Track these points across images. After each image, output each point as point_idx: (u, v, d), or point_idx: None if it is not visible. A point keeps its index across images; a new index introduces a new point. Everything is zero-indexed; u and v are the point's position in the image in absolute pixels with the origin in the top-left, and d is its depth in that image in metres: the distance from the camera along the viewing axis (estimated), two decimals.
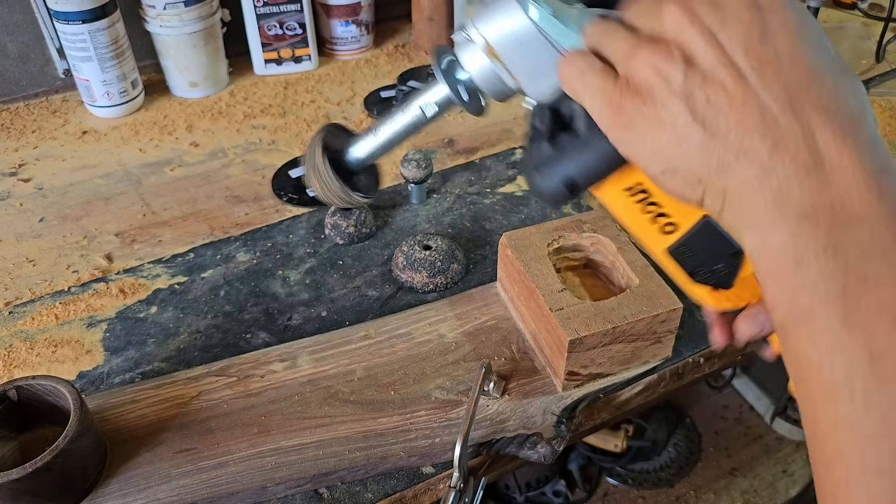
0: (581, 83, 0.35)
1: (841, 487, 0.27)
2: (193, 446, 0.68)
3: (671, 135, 0.32)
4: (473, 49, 0.44)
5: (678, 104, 0.31)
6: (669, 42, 0.32)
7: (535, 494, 1.56)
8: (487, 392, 0.71)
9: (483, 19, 0.41)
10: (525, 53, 0.40)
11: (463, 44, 0.44)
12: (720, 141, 0.31)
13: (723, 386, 1.81)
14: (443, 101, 0.51)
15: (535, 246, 0.76)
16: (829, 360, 0.27)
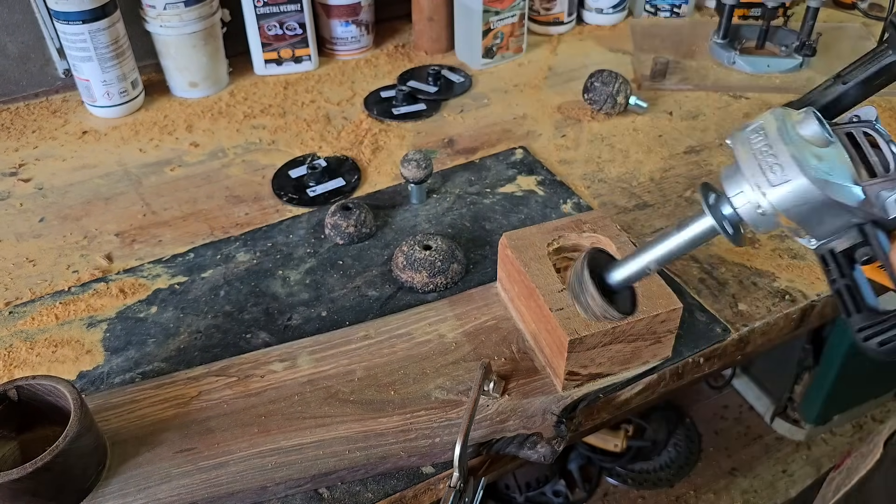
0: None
1: None
2: (193, 446, 0.68)
3: None
4: (758, 210, 0.46)
5: None
6: None
7: (534, 494, 1.56)
8: (487, 392, 0.71)
9: (774, 191, 0.43)
10: (815, 213, 0.43)
11: (745, 203, 0.46)
12: None
13: (723, 386, 1.81)
14: (707, 231, 0.51)
15: (535, 246, 0.76)
16: None
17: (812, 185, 0.42)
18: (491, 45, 1.33)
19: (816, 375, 1.58)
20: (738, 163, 0.46)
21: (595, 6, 1.49)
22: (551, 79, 1.32)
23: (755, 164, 0.45)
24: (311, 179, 1.04)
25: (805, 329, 0.91)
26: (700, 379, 0.84)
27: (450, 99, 1.26)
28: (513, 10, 1.32)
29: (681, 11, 1.50)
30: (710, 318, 0.82)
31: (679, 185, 1.04)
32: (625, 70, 1.31)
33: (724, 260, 0.91)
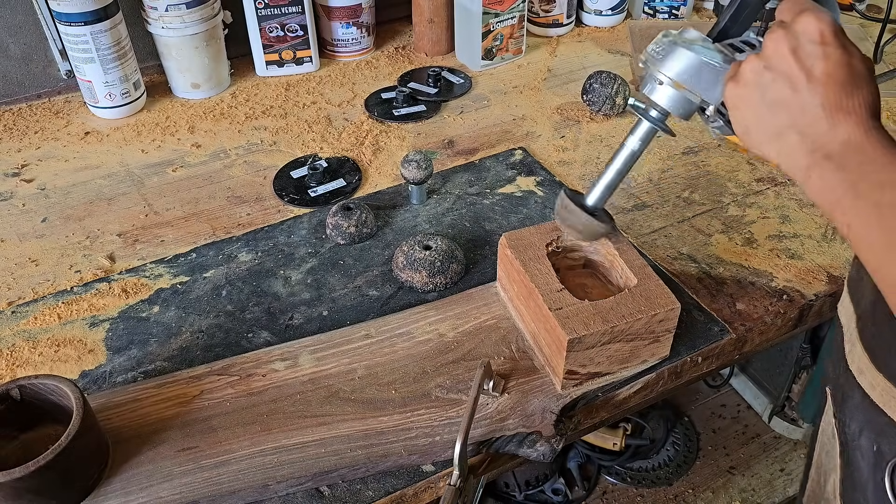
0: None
1: None
2: (195, 445, 0.68)
3: (753, 112, 0.54)
4: (663, 88, 0.64)
5: (759, 94, 0.53)
6: (764, 58, 0.53)
7: (534, 493, 1.56)
8: (487, 391, 0.72)
9: (667, 66, 0.62)
10: (700, 77, 0.62)
11: (653, 89, 0.65)
12: (781, 118, 0.52)
13: (721, 385, 1.81)
14: (646, 134, 0.68)
15: (535, 246, 0.77)
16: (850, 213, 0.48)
17: (686, 50, 0.61)
18: (490, 46, 1.34)
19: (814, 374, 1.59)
20: (646, 69, 0.65)
21: (594, 8, 1.49)
22: (550, 80, 1.33)
23: (652, 58, 0.64)
24: (312, 180, 1.05)
25: (803, 328, 0.91)
26: (698, 378, 0.85)
27: (450, 100, 1.26)
28: (512, 12, 1.32)
29: (679, 13, 1.50)
30: (709, 317, 0.83)
31: (677, 185, 1.04)
32: (623, 71, 1.31)
33: (722, 260, 0.91)
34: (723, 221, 0.98)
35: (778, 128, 0.52)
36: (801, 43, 0.51)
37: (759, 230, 0.96)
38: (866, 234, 0.47)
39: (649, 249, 0.93)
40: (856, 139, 0.48)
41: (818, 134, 0.50)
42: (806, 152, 0.50)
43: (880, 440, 0.59)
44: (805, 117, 0.50)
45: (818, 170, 0.50)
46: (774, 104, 0.52)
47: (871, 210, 0.47)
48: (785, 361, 1.61)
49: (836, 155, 0.49)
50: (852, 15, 1.50)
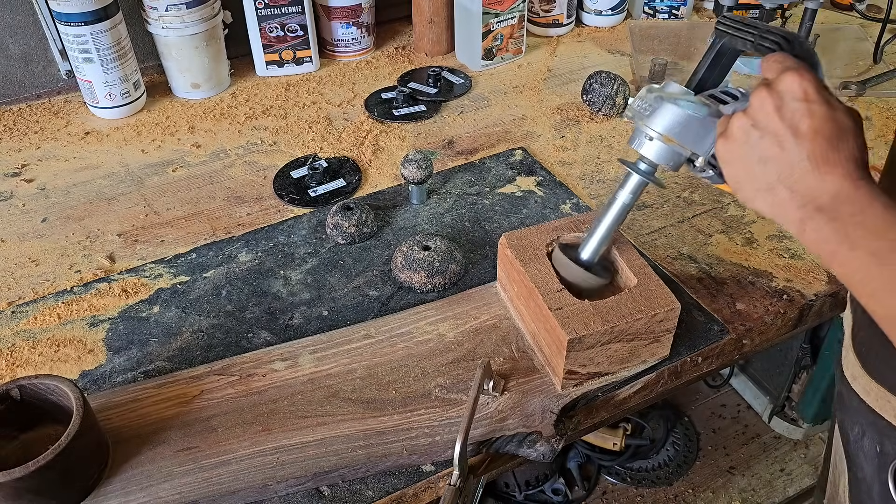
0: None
1: None
2: (195, 445, 0.68)
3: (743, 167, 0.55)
4: (652, 143, 0.65)
5: (748, 151, 0.54)
6: (751, 116, 0.54)
7: (534, 493, 1.56)
8: (487, 391, 0.72)
9: (655, 122, 0.63)
10: (687, 130, 0.62)
11: (641, 144, 0.66)
12: (771, 173, 0.53)
13: (721, 385, 1.81)
14: (637, 187, 0.70)
15: (535, 246, 0.77)
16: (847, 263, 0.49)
17: (673, 105, 0.62)
18: (490, 46, 1.34)
19: (814, 374, 1.59)
20: (634, 123, 0.66)
21: (594, 8, 1.49)
22: (550, 80, 1.33)
23: (639, 113, 0.65)
24: (312, 180, 1.05)
25: (803, 328, 0.91)
26: (698, 378, 0.85)
27: (450, 100, 1.26)
28: (512, 12, 1.32)
29: (679, 13, 1.50)
30: (709, 317, 0.83)
31: (677, 185, 1.04)
32: (623, 71, 1.31)
33: (722, 260, 0.91)
34: (723, 221, 0.98)
35: (769, 183, 0.53)
36: (785, 101, 0.52)
37: (759, 230, 0.96)
38: (867, 281, 0.48)
39: (649, 249, 0.93)
40: (845, 191, 0.49)
41: (808, 188, 0.51)
42: (797, 206, 0.51)
43: (883, 441, 0.59)
44: (794, 172, 0.51)
45: (812, 223, 0.51)
46: (764, 161, 0.53)
47: (868, 258, 0.48)
48: (785, 361, 1.61)
49: (828, 207, 0.50)
50: (852, 15, 1.50)
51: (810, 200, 0.51)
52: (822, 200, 0.50)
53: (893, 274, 0.46)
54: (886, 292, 0.47)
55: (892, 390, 0.56)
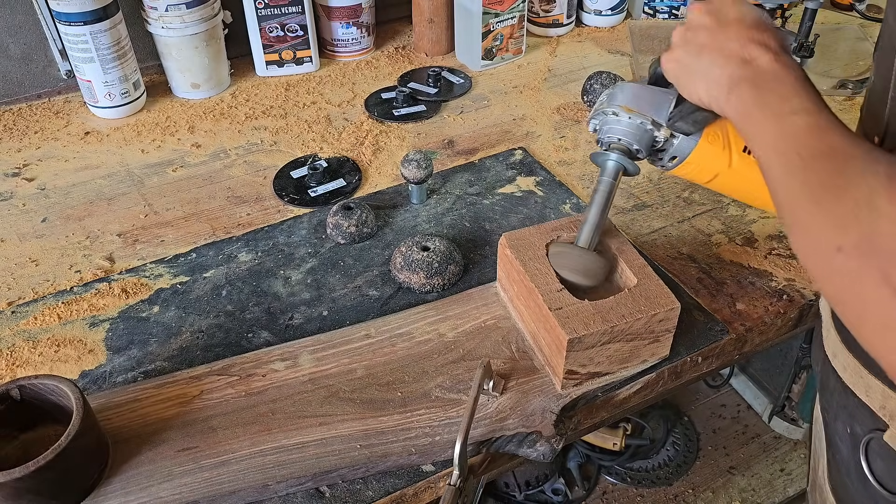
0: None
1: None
2: (195, 445, 0.68)
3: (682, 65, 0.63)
4: (616, 119, 0.71)
5: (684, 50, 0.62)
6: (686, 23, 0.64)
7: (534, 493, 1.56)
8: (487, 391, 0.72)
9: (616, 99, 0.71)
10: (642, 99, 0.70)
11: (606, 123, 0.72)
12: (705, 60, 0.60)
13: (721, 385, 1.81)
14: (614, 171, 0.73)
15: (535, 246, 0.77)
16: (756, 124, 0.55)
17: (628, 83, 0.72)
18: (490, 46, 1.34)
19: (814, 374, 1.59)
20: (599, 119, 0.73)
21: (594, 8, 1.49)
22: (550, 80, 1.33)
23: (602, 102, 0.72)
24: (312, 180, 1.05)
25: (803, 328, 0.91)
26: (698, 378, 0.85)
27: (450, 100, 1.26)
28: (512, 12, 1.32)
29: (679, 13, 1.50)
30: (709, 317, 0.83)
31: (677, 185, 1.04)
32: (623, 72, 1.31)
33: (722, 260, 0.91)
34: (723, 221, 0.98)
35: (703, 69, 0.60)
36: (714, 5, 0.62)
37: (759, 230, 0.96)
38: (765, 137, 0.53)
39: (649, 249, 0.93)
40: (766, 63, 0.56)
41: (736, 65, 0.57)
42: (727, 81, 0.58)
43: (853, 422, 0.61)
44: (723, 52, 0.58)
45: (737, 91, 0.57)
46: (698, 52, 0.61)
47: (773, 120, 0.52)
48: (785, 361, 1.61)
49: (752, 77, 0.56)
50: (852, 15, 1.50)
51: (738, 75, 0.57)
52: (747, 73, 0.56)
53: (786, 129, 0.51)
54: (778, 148, 0.51)
55: (868, 366, 0.57)
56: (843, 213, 0.43)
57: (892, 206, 0.41)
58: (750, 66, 0.56)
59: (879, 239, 0.41)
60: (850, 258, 0.42)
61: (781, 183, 0.50)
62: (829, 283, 0.45)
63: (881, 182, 0.42)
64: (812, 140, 0.49)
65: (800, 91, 0.53)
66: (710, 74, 0.59)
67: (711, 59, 0.59)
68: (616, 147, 0.72)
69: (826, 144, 0.48)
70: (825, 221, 0.44)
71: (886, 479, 0.57)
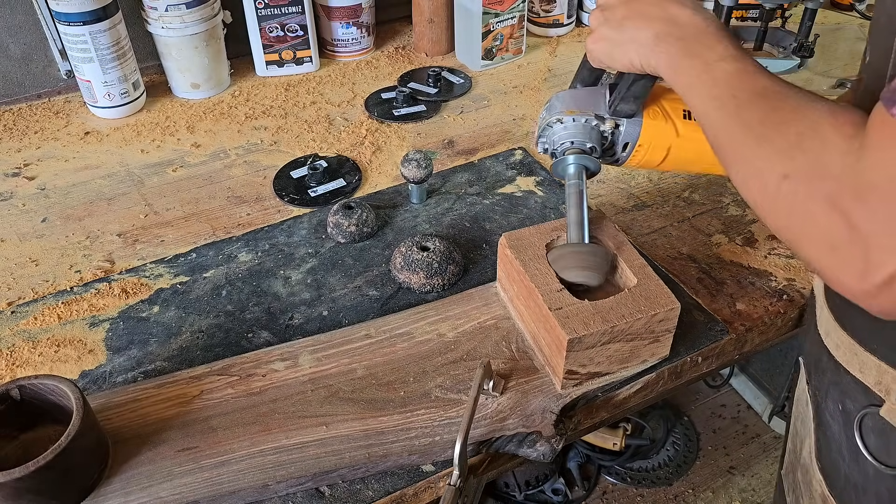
0: None
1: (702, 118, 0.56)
2: (195, 445, 0.68)
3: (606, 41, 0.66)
4: (562, 124, 0.74)
5: (605, 28, 0.65)
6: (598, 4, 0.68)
7: (534, 492, 1.56)
8: (487, 391, 0.72)
9: (555, 108, 0.75)
10: (577, 99, 0.74)
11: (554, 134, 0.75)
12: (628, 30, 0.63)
13: (721, 385, 1.81)
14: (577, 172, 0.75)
15: (534, 246, 0.77)
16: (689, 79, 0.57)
17: (557, 92, 0.77)
18: (490, 46, 1.34)
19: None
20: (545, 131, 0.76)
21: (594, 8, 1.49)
22: (550, 80, 1.33)
23: (543, 116, 0.76)
24: (312, 180, 1.05)
25: (803, 328, 0.91)
26: (698, 378, 0.85)
27: (450, 100, 1.26)
28: (512, 12, 1.32)
29: None
30: (709, 317, 0.83)
31: (677, 185, 1.04)
32: None
33: (722, 260, 0.91)
34: (723, 221, 0.98)
35: (629, 37, 0.62)
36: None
37: (760, 230, 0.96)
38: (699, 90, 0.55)
39: (649, 249, 0.93)
40: (687, 18, 0.59)
41: (659, 23, 0.60)
42: (652, 39, 0.60)
43: (844, 399, 0.62)
44: (644, 17, 0.61)
45: (663, 45, 0.59)
46: (619, 25, 0.63)
47: (703, 68, 0.55)
48: (785, 361, 1.61)
49: (675, 31, 0.59)
50: (852, 15, 1.50)
51: (664, 31, 0.59)
52: (671, 28, 0.59)
53: (717, 75, 0.54)
54: (712, 94, 0.53)
55: (862, 343, 0.58)
56: (787, 144, 0.46)
57: (838, 135, 0.44)
58: (672, 22, 0.59)
59: (825, 164, 0.44)
60: (798, 183, 0.45)
61: (721, 126, 0.52)
62: (774, 210, 0.48)
63: (823, 115, 0.46)
64: (743, 83, 0.52)
65: (722, 39, 0.56)
66: (637, 38, 0.62)
67: (634, 25, 0.62)
68: (571, 151, 0.74)
69: (759, 85, 0.51)
70: (769, 153, 0.47)
71: (881, 453, 0.58)
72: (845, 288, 0.44)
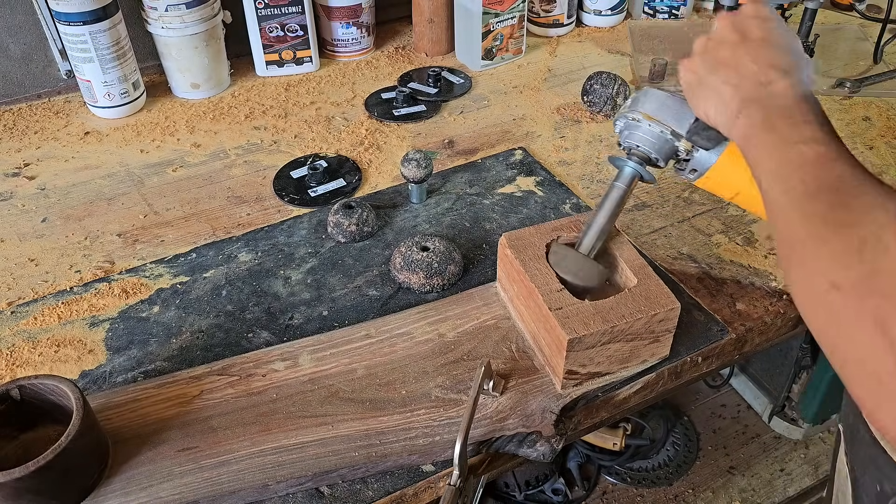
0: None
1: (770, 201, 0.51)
2: (195, 445, 0.68)
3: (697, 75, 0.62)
4: (638, 127, 0.70)
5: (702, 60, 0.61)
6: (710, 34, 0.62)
7: (534, 493, 1.56)
8: (487, 391, 0.72)
9: (640, 105, 0.70)
10: (665, 108, 0.69)
11: (627, 128, 0.72)
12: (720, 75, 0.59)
13: (721, 385, 1.81)
14: (629, 179, 0.73)
15: (534, 246, 0.77)
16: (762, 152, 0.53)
17: (654, 89, 0.70)
18: (490, 46, 1.34)
19: (814, 374, 1.59)
20: (622, 121, 0.72)
21: (594, 8, 1.49)
22: (550, 80, 1.33)
23: (626, 107, 0.72)
24: (312, 180, 1.05)
25: (803, 328, 0.91)
26: (698, 378, 0.85)
27: (450, 100, 1.26)
28: (512, 12, 1.32)
29: (679, 13, 1.50)
30: (709, 317, 0.83)
31: (677, 185, 1.04)
32: (623, 71, 1.31)
33: (722, 260, 0.91)
34: (723, 221, 0.98)
35: (716, 84, 0.58)
36: (740, 18, 0.59)
37: (760, 230, 0.96)
38: (769, 166, 0.52)
39: (649, 249, 0.93)
40: (781, 90, 0.54)
41: (750, 86, 0.56)
42: (737, 103, 0.56)
43: (882, 479, 0.59)
44: (739, 71, 0.57)
45: (745, 111, 0.55)
46: (715, 66, 0.59)
47: (780, 146, 0.51)
48: (785, 361, 1.61)
49: (764, 100, 0.55)
50: (852, 15, 1.50)
51: (749, 96, 0.55)
52: (759, 95, 0.55)
53: (792, 157, 0.50)
54: (781, 175, 0.50)
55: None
56: (845, 249, 0.41)
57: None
58: (764, 89, 0.55)
59: (881, 279, 0.38)
60: (846, 297, 0.40)
61: (782, 211, 0.48)
62: (817, 319, 0.43)
63: (891, 219, 0.40)
64: (819, 171, 0.47)
65: (812, 121, 0.51)
66: (722, 92, 0.57)
67: (726, 75, 0.57)
68: (635, 153, 0.72)
69: (834, 176, 0.46)
70: (824, 256, 0.42)
71: None
72: (883, 428, 0.39)
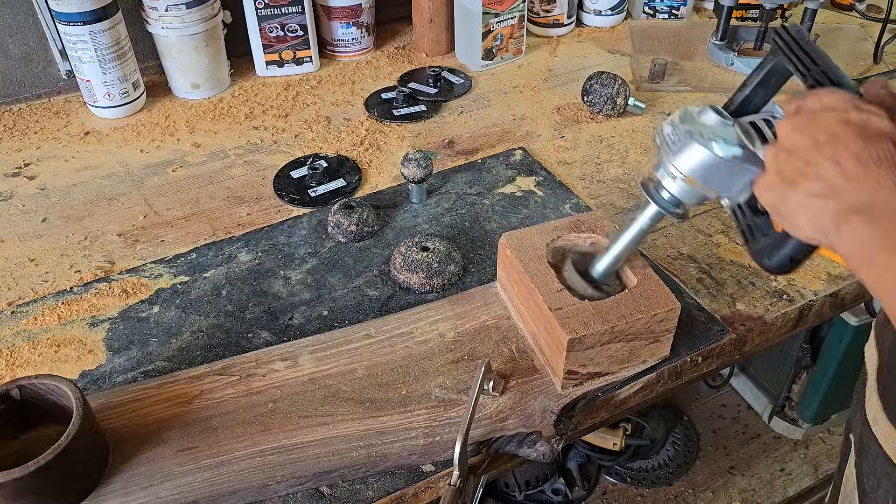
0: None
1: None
2: (195, 445, 0.68)
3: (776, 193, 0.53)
4: (675, 182, 0.61)
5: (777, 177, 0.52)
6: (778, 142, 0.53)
7: (534, 493, 1.56)
8: (487, 391, 0.72)
9: (680, 161, 0.58)
10: (714, 174, 0.58)
11: (664, 177, 0.61)
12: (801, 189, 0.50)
13: (721, 385, 1.81)
14: (656, 216, 0.67)
15: (535, 246, 0.77)
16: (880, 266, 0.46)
17: (701, 147, 0.57)
18: (491, 46, 1.34)
19: (814, 375, 1.59)
20: (657, 150, 0.61)
21: (594, 8, 1.49)
22: (550, 80, 1.33)
23: (665, 145, 0.60)
24: (312, 180, 1.05)
25: (803, 328, 0.91)
26: (698, 378, 0.85)
27: (450, 100, 1.26)
28: (512, 12, 1.32)
29: (679, 13, 1.50)
30: (709, 317, 0.83)
31: None
32: (623, 71, 1.31)
33: (722, 260, 0.91)
34: (723, 221, 0.98)
35: (801, 200, 0.50)
36: (808, 112, 0.51)
37: None
38: (889, 291, 0.45)
39: (649, 249, 0.93)
40: (884, 193, 0.46)
41: (840, 193, 0.48)
42: (831, 213, 0.48)
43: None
44: (824, 182, 0.48)
45: (847, 226, 0.47)
46: (793, 179, 0.51)
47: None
48: (785, 361, 1.61)
49: (865, 209, 0.46)
50: (852, 15, 1.50)
51: (844, 205, 0.47)
52: (858, 202, 0.47)
53: None
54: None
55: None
56: None
57: None
58: (861, 194, 0.47)
59: None
60: None
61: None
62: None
63: None
64: None
65: None
66: (811, 208, 0.50)
67: (809, 189, 0.49)
68: (671, 201, 0.64)
69: None
70: None
71: None
72: None
